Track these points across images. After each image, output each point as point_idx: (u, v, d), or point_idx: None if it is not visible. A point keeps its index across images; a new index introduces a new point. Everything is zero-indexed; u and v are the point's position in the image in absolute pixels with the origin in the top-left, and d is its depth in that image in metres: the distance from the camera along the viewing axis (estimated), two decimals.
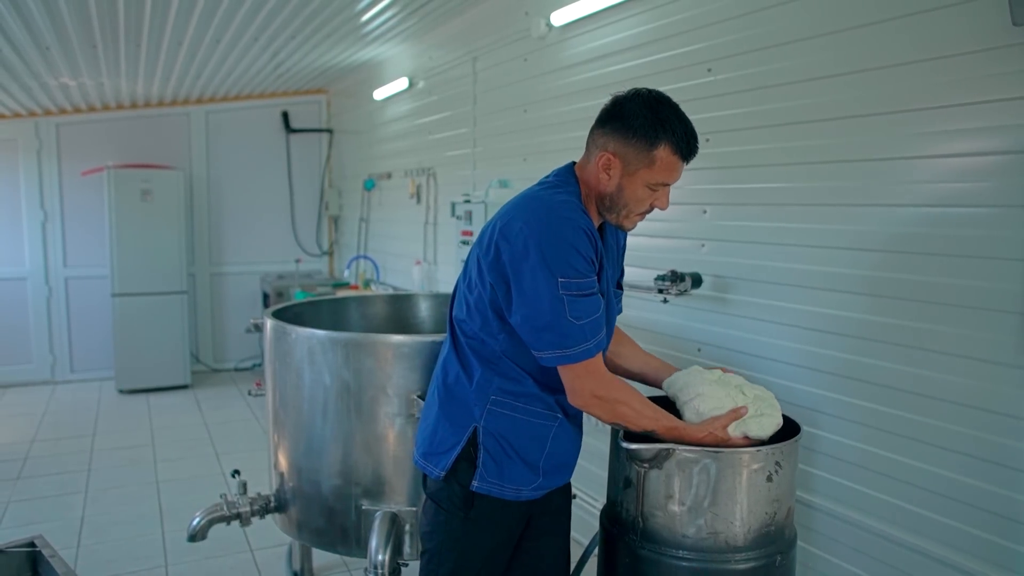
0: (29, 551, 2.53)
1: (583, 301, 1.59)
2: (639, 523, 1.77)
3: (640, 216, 1.78)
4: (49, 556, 2.43)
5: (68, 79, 5.04)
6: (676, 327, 2.87)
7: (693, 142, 1.70)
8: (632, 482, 1.78)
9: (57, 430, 5.35)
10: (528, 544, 1.92)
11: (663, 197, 1.76)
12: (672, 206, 2.86)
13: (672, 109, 1.70)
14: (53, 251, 6.50)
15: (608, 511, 1.91)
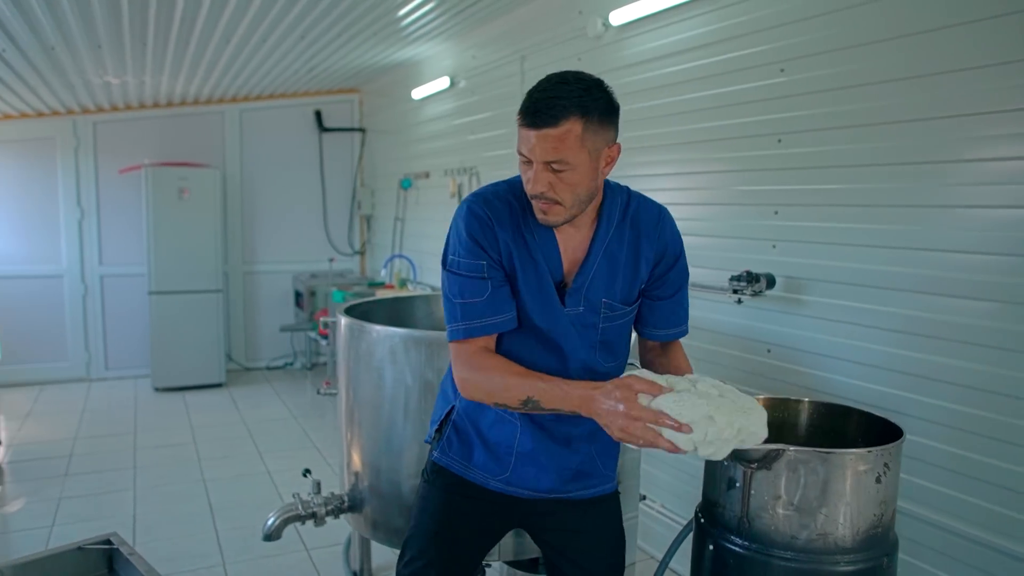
0: (106, 548, 2.54)
1: (463, 281, 1.59)
2: (744, 524, 1.76)
3: (537, 203, 1.53)
4: (128, 554, 2.44)
5: (113, 77, 5.06)
6: (747, 328, 2.86)
7: (532, 103, 1.44)
8: (737, 483, 1.77)
9: (98, 427, 5.37)
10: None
11: (531, 176, 1.50)
12: (742, 206, 2.89)
13: (546, 78, 1.50)
14: (89, 249, 6.53)
15: (705, 511, 1.91)
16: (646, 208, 1.70)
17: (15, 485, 4.24)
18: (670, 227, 1.72)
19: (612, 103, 1.51)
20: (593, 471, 1.78)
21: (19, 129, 6.23)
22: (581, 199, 1.53)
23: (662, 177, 3.28)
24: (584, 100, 1.44)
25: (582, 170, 1.48)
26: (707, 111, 3.02)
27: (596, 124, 1.46)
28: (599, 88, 1.49)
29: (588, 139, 1.46)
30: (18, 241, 6.33)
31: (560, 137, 1.43)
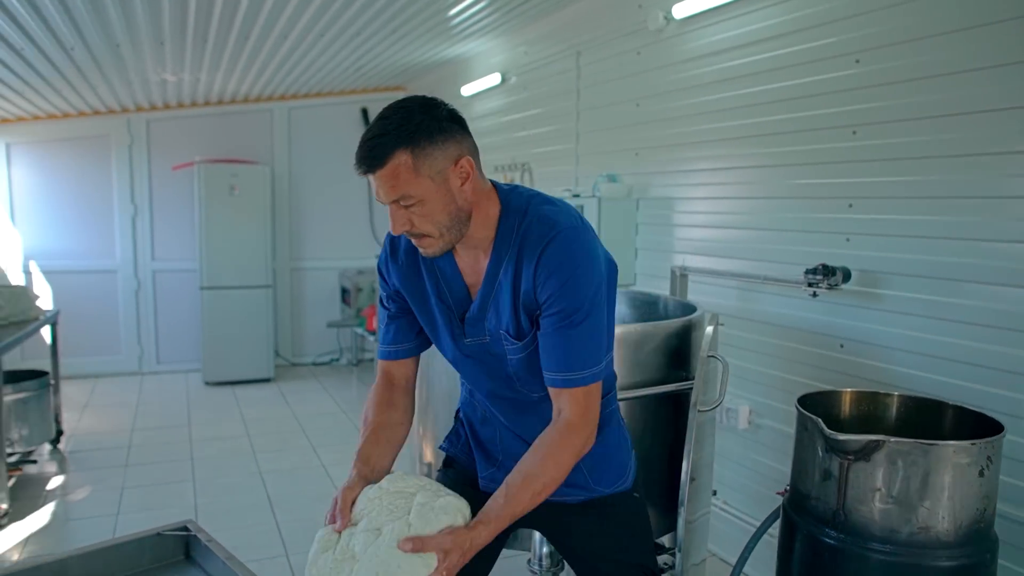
0: (183, 535, 2.57)
1: (379, 308, 1.71)
2: (840, 516, 1.74)
3: (410, 240, 1.51)
4: (206, 540, 2.47)
5: (170, 74, 5.15)
6: (819, 323, 2.82)
7: (359, 149, 1.39)
8: (833, 474, 1.75)
9: (153, 419, 5.46)
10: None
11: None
12: (814, 200, 2.85)
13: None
14: (142, 244, 6.64)
15: (794, 503, 1.89)
16: (537, 226, 1.46)
17: (79, 474, 4.33)
18: (556, 251, 1.43)
19: (440, 121, 1.39)
20: (578, 481, 1.67)
21: (76, 127, 6.37)
22: (447, 225, 1.44)
23: (728, 171, 3.26)
24: (403, 130, 1.36)
25: (431, 198, 1.40)
26: (776, 104, 2.99)
27: (426, 148, 1.36)
28: (422, 110, 1.39)
29: (423, 166, 1.37)
30: (74, 236, 6.46)
31: (391, 175, 1.37)
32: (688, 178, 3.51)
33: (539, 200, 1.51)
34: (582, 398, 1.47)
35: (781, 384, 3.02)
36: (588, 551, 1.76)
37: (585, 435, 1.49)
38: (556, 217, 1.46)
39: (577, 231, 1.44)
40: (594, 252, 1.46)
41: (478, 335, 1.57)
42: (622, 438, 1.70)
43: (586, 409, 1.48)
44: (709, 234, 3.39)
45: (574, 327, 1.43)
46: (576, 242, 1.43)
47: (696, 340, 2.45)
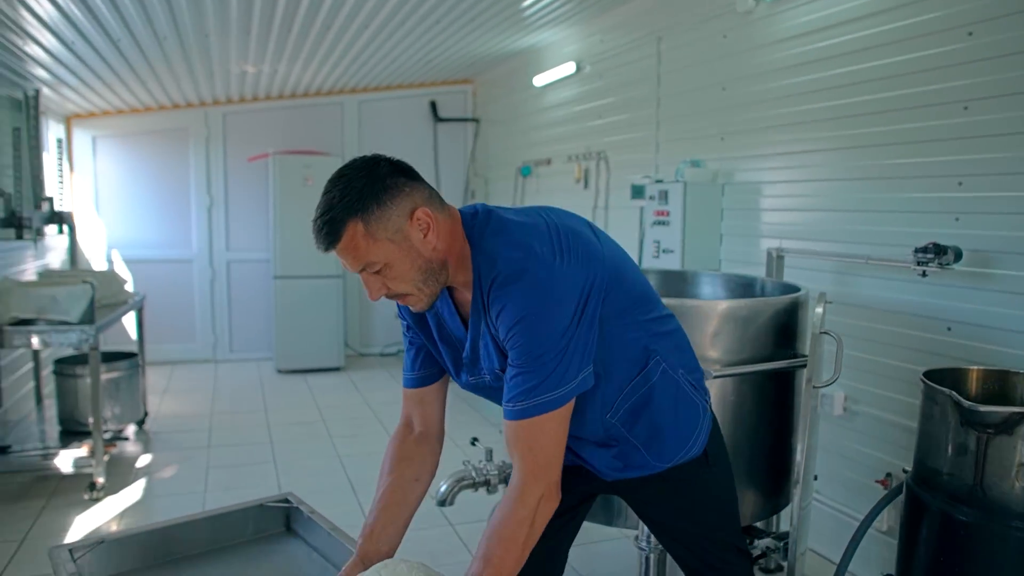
0: (283, 507, 2.62)
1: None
2: (978, 493, 1.68)
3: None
4: (308, 512, 2.51)
5: (251, 66, 5.26)
6: (925, 305, 2.73)
7: (314, 231, 1.36)
8: (968, 449, 1.69)
9: (231, 404, 5.58)
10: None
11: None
12: (919, 179, 2.76)
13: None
14: (217, 235, 6.80)
15: (923, 480, 1.83)
16: (486, 269, 1.39)
17: (165, 454, 4.44)
18: (505, 296, 1.36)
19: (383, 180, 1.34)
20: (640, 462, 1.63)
21: (156, 121, 6.56)
22: (422, 279, 1.40)
23: (822, 153, 3.18)
24: (348, 200, 1.31)
25: (396, 259, 1.36)
26: (877, 82, 2.91)
27: (376, 212, 1.32)
28: (363, 174, 1.34)
29: (378, 230, 1.33)
30: (153, 226, 6.65)
31: (350, 247, 1.33)
32: (778, 161, 3.44)
33: (492, 231, 1.41)
34: (528, 435, 1.38)
35: (878, 369, 2.93)
36: (666, 523, 1.74)
37: (537, 495, 1.38)
38: (501, 255, 1.37)
39: (524, 271, 1.34)
40: (545, 287, 1.34)
41: (477, 375, 1.54)
42: (681, 407, 1.60)
43: (534, 451, 1.38)
44: (801, 217, 3.32)
45: (537, 376, 1.35)
46: (523, 282, 1.34)
47: (803, 319, 2.40)
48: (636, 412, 1.56)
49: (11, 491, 3.84)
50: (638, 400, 1.54)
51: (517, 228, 1.41)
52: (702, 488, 1.69)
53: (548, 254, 1.37)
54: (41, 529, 3.40)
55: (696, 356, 1.67)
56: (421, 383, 1.66)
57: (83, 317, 3.64)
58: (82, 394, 4.11)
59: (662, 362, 1.55)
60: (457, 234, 1.42)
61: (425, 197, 1.38)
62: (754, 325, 2.23)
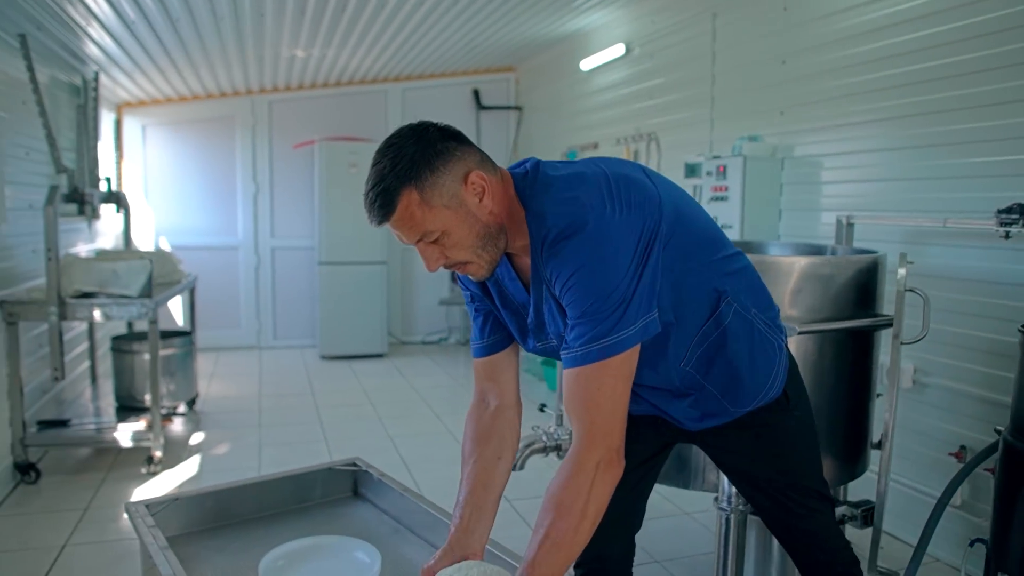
0: (352, 470, 2.62)
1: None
2: None
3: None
4: (378, 475, 2.51)
5: (301, 50, 5.29)
6: (1006, 272, 2.65)
7: (365, 205, 1.32)
8: None
9: (278, 387, 5.62)
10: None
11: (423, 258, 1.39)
12: (994, 143, 2.68)
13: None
14: (262, 222, 6.86)
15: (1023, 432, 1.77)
16: (536, 229, 1.35)
17: (217, 431, 4.47)
18: (557, 255, 1.32)
19: (434, 145, 1.30)
20: (718, 409, 1.60)
21: (204, 109, 6.64)
22: (480, 245, 1.36)
23: (889, 122, 3.12)
24: (399, 168, 1.27)
25: (454, 226, 1.32)
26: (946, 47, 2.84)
27: (430, 179, 1.28)
28: (414, 140, 1.30)
29: (434, 197, 1.29)
30: (200, 213, 6.73)
31: (406, 217, 1.29)
32: (840, 133, 3.38)
33: (540, 189, 1.36)
34: (586, 390, 1.30)
35: (951, 339, 2.86)
36: (748, 472, 1.69)
37: (594, 460, 1.30)
38: (549, 212, 1.32)
39: (574, 224, 1.29)
40: (600, 237, 1.28)
41: (544, 339, 1.49)
42: (757, 349, 1.54)
43: (591, 410, 1.30)
44: (865, 189, 3.25)
45: (590, 320, 1.29)
46: (577, 237, 1.29)
47: (881, 282, 2.35)
48: (710, 358, 1.51)
49: (71, 464, 3.89)
50: (711, 345, 1.50)
51: (563, 182, 1.35)
52: (783, 432, 1.64)
53: (598, 204, 1.30)
54: (102, 499, 3.44)
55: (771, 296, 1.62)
56: (491, 350, 1.60)
57: (142, 291, 3.68)
58: (139, 370, 4.15)
59: (733, 303, 1.49)
60: (511, 197, 1.38)
61: (477, 161, 1.34)
62: (835, 284, 2.18)
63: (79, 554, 2.91)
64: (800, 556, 1.75)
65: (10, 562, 2.83)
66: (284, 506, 2.45)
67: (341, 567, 1.87)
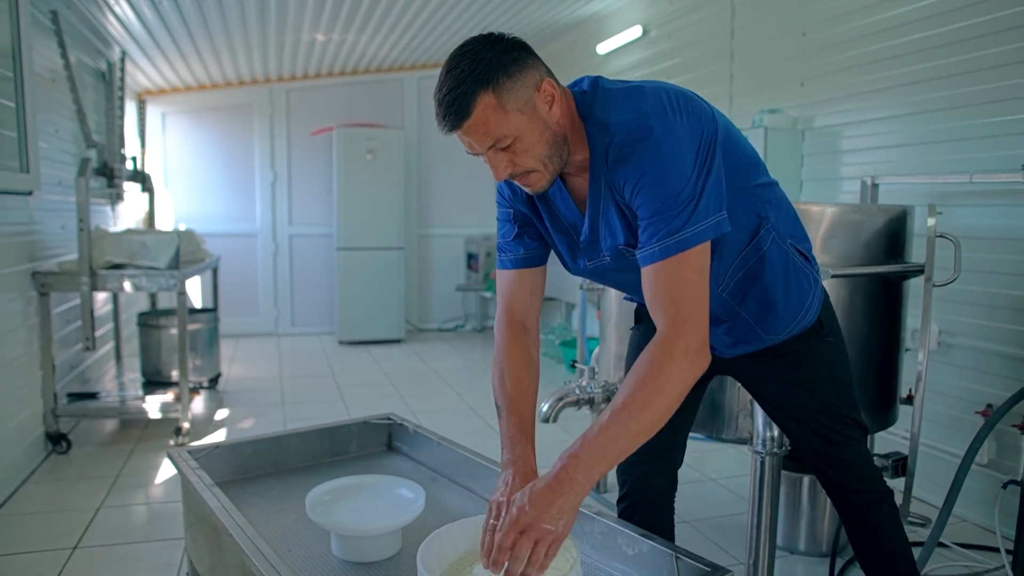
0: (386, 424, 2.66)
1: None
2: None
3: (515, 183, 1.47)
4: (413, 428, 2.55)
5: (322, 34, 5.35)
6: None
7: (439, 109, 1.33)
8: None
9: (298, 369, 5.67)
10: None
11: (489, 167, 1.41)
12: (1017, 100, 2.71)
13: (440, 77, 1.35)
14: (280, 209, 6.92)
15: None
16: (606, 136, 1.37)
17: (241, 408, 4.52)
18: (632, 158, 1.34)
19: (509, 52, 1.31)
20: (751, 337, 1.63)
21: (222, 97, 6.70)
22: (548, 154, 1.38)
23: (910, 87, 3.14)
24: (478, 71, 1.28)
25: (526, 132, 1.34)
26: (967, 8, 2.86)
27: (506, 83, 1.29)
28: (487, 47, 1.31)
29: (509, 102, 1.30)
30: (219, 201, 6.80)
31: (481, 122, 1.31)
32: (862, 101, 3.40)
33: (600, 100, 1.39)
34: (669, 284, 1.31)
35: (977, 298, 2.89)
36: (782, 400, 1.72)
37: (681, 346, 1.28)
38: (612, 120, 1.35)
39: (639, 129, 1.32)
40: (666, 141, 1.31)
41: (596, 257, 1.52)
42: (792, 279, 1.57)
43: (677, 303, 1.30)
44: (888, 155, 3.28)
45: (667, 213, 1.31)
46: (643, 142, 1.32)
47: (911, 231, 2.38)
48: (746, 284, 1.54)
49: (100, 436, 3.94)
50: (748, 271, 1.52)
51: (623, 95, 1.38)
52: (816, 359, 1.67)
53: (660, 111, 1.33)
54: (132, 468, 3.48)
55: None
56: (526, 263, 1.59)
57: (170, 263, 3.73)
58: (165, 345, 4.21)
59: (772, 231, 1.52)
60: (572, 111, 1.40)
61: (546, 71, 1.37)
62: (866, 232, 2.21)
63: (114, 515, 2.96)
64: (834, 487, 1.78)
65: (48, 522, 2.87)
66: (320, 458, 2.50)
67: (385, 502, 1.90)
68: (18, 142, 3.12)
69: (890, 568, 1.75)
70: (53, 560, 2.55)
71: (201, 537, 2.04)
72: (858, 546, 1.79)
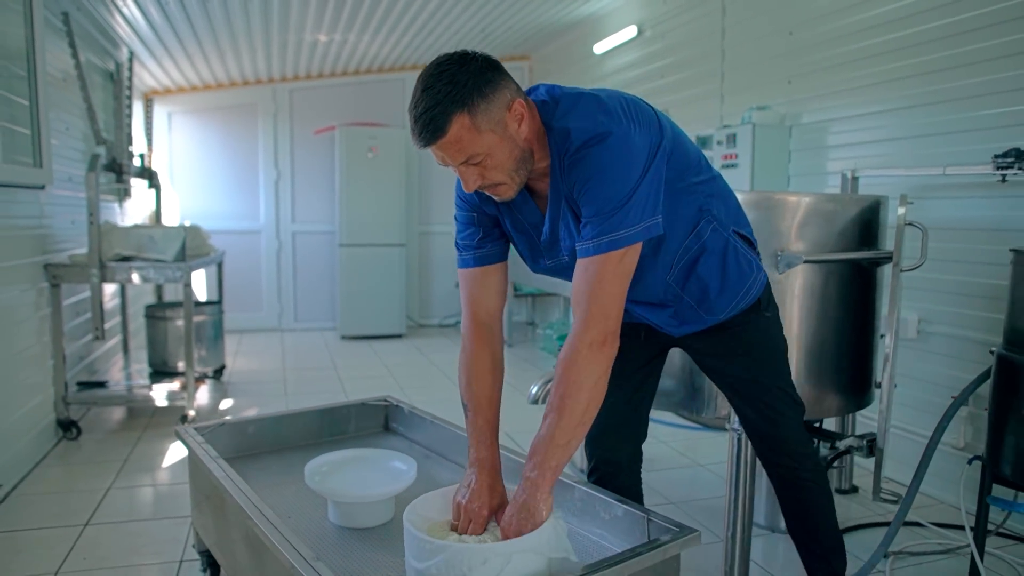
0: (384, 405, 2.78)
1: (455, 225, 1.71)
2: None
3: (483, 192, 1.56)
4: (409, 409, 2.67)
5: (324, 35, 5.47)
6: (1004, 219, 2.78)
7: (414, 124, 1.40)
8: None
9: (302, 362, 5.79)
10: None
11: (459, 177, 1.50)
12: (992, 96, 2.81)
13: (416, 90, 1.42)
14: (283, 207, 7.05)
15: (1015, 343, 1.91)
16: (562, 143, 1.48)
17: (246, 399, 4.64)
18: (580, 163, 1.46)
19: (483, 73, 1.39)
20: (694, 318, 1.76)
21: (227, 97, 6.84)
22: (516, 168, 1.48)
23: (891, 83, 3.25)
24: (455, 94, 1.36)
25: (496, 150, 1.43)
26: (943, 8, 2.97)
27: (480, 105, 1.38)
28: (463, 68, 1.39)
29: (482, 122, 1.39)
30: (223, 198, 6.93)
31: (455, 140, 1.39)
32: (846, 98, 3.51)
33: (562, 111, 1.48)
34: (592, 280, 1.43)
35: (955, 288, 2.99)
36: (724, 371, 1.85)
37: (593, 336, 1.42)
38: (573, 127, 1.45)
39: (596, 135, 1.42)
40: (620, 148, 1.42)
41: (556, 256, 1.63)
42: (731, 264, 1.70)
43: (594, 297, 1.43)
44: (871, 150, 3.38)
45: (606, 218, 1.43)
46: (598, 147, 1.42)
47: (884, 222, 2.48)
48: (688, 271, 1.67)
49: (109, 423, 4.07)
50: (691, 259, 1.66)
51: (583, 102, 1.48)
52: (753, 331, 1.80)
53: (617, 119, 1.44)
54: (140, 453, 3.60)
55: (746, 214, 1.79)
56: (484, 261, 1.67)
57: (177, 256, 3.85)
58: (172, 336, 4.33)
59: (713, 220, 1.65)
60: (538, 121, 1.50)
61: (515, 90, 1.46)
62: (840, 220, 2.32)
63: (123, 496, 3.08)
64: (768, 463, 1.92)
65: (60, 501, 2.99)
66: (319, 437, 2.62)
67: (379, 473, 2.02)
68: (32, 139, 3.25)
69: (816, 541, 1.93)
70: (66, 535, 2.68)
71: (207, 509, 2.16)
72: (789, 519, 1.96)
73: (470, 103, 1.37)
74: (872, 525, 2.83)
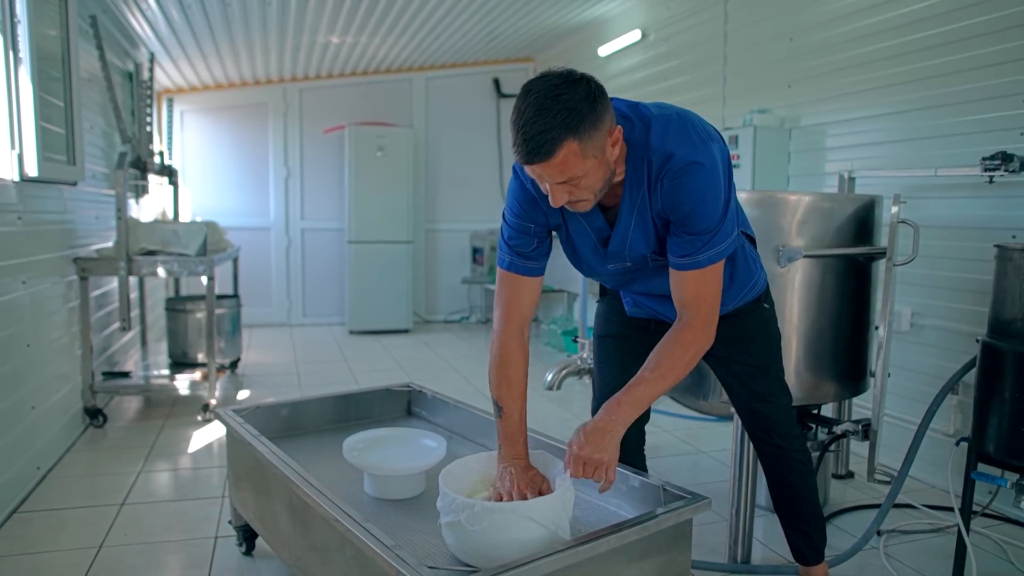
0: (407, 390, 2.93)
1: (503, 224, 1.79)
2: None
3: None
4: (431, 394, 2.83)
5: (336, 36, 5.62)
6: (992, 218, 2.95)
7: (522, 141, 1.43)
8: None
9: (313, 355, 5.95)
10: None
11: (547, 191, 1.54)
12: (983, 101, 2.98)
13: (526, 108, 1.43)
14: (293, 204, 7.20)
15: (999, 331, 2.06)
16: (660, 161, 1.57)
17: (262, 390, 4.79)
18: (680, 185, 1.56)
19: (594, 100, 1.43)
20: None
21: (238, 96, 6.99)
22: (602, 187, 1.55)
23: (888, 88, 3.41)
24: (569, 121, 1.40)
25: (593, 172, 1.49)
26: (940, 16, 3.13)
27: (589, 132, 1.43)
28: (577, 93, 1.41)
29: (588, 148, 1.44)
30: (234, 196, 7.08)
31: (560, 162, 1.43)
32: (844, 102, 3.67)
33: (661, 131, 1.56)
34: (696, 285, 1.65)
35: (946, 283, 3.15)
36: (724, 356, 2.00)
37: (698, 329, 1.66)
38: (676, 151, 1.54)
39: (694, 164, 1.53)
40: (713, 172, 1.55)
41: (620, 261, 1.75)
42: (740, 262, 1.86)
43: (698, 299, 1.65)
44: (867, 152, 3.54)
45: (705, 238, 1.60)
46: (698, 173, 1.54)
47: (879, 220, 2.64)
48: None
49: (132, 412, 4.22)
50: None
51: (674, 126, 1.57)
52: (754, 320, 2.00)
53: (702, 143, 1.56)
54: (166, 439, 3.75)
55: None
56: (532, 272, 1.79)
57: (199, 250, 4.00)
58: (192, 328, 4.48)
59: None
60: (623, 141, 1.57)
61: (614, 115, 1.51)
62: (837, 218, 2.48)
63: (154, 478, 3.23)
64: (758, 441, 2.09)
65: (94, 484, 3.14)
66: (346, 421, 2.78)
67: (411, 450, 2.18)
68: (66, 138, 3.39)
69: (799, 516, 2.10)
70: (105, 513, 2.83)
71: (247, 485, 2.31)
72: (775, 495, 2.13)
73: (581, 131, 1.41)
74: (867, 507, 2.99)
